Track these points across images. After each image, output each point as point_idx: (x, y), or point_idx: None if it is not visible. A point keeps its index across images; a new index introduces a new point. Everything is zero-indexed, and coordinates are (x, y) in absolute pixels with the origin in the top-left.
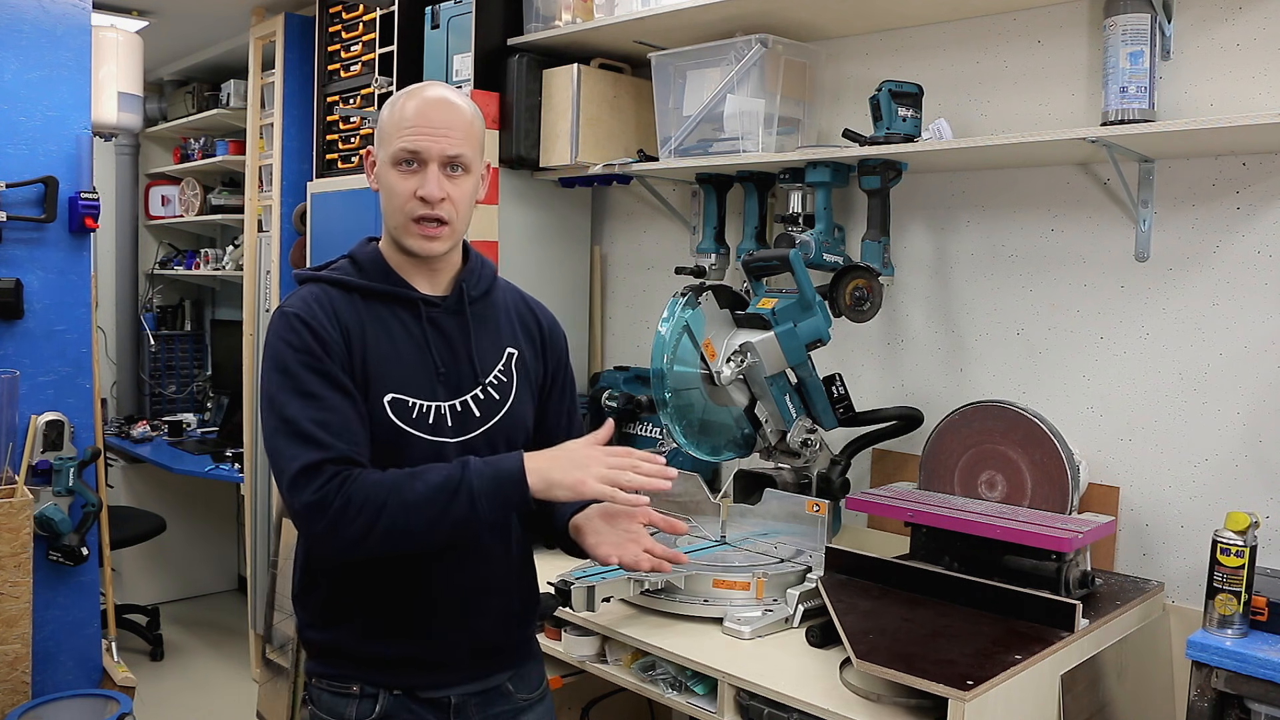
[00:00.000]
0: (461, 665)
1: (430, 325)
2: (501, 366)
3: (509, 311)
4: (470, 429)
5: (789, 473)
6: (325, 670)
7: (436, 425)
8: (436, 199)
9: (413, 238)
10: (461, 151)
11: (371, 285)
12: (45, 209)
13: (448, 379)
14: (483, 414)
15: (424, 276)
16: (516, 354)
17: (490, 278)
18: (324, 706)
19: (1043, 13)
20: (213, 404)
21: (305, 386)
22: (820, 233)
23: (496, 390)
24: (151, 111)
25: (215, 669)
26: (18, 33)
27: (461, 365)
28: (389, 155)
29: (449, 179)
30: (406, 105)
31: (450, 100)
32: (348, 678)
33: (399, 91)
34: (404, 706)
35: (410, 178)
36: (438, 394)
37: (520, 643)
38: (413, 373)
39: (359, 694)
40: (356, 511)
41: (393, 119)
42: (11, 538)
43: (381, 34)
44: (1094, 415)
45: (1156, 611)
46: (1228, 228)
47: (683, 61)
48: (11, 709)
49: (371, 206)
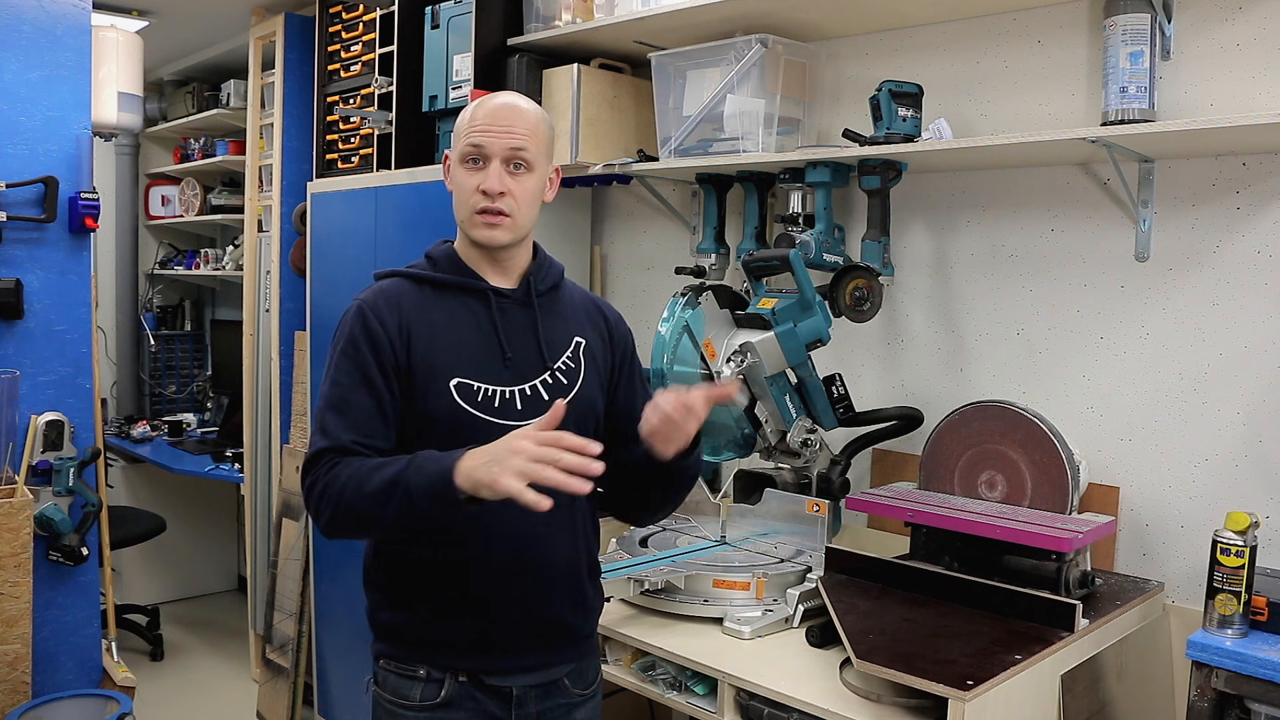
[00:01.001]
0: (524, 648)
1: (500, 314)
2: (570, 353)
3: (576, 306)
4: (540, 411)
5: (789, 473)
6: (393, 652)
7: (503, 409)
8: (495, 192)
9: (476, 228)
10: (524, 146)
11: (443, 278)
12: (45, 209)
13: (515, 364)
14: (551, 398)
15: (495, 270)
16: (585, 343)
17: (558, 276)
18: (389, 688)
19: (1043, 13)
20: (213, 404)
21: (338, 376)
22: (820, 233)
23: (565, 375)
24: (151, 111)
25: (215, 669)
26: (18, 33)
27: (530, 352)
28: (458, 154)
29: (511, 175)
30: (478, 109)
31: (516, 104)
32: (414, 660)
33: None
34: (468, 693)
35: (475, 174)
36: (505, 379)
37: (585, 635)
38: (480, 359)
39: (425, 677)
40: (327, 499)
41: (464, 121)
42: (11, 538)
43: (381, 34)
44: (1094, 415)
45: (1156, 611)
46: (1228, 228)
47: (683, 61)
48: (11, 709)
49: (371, 207)
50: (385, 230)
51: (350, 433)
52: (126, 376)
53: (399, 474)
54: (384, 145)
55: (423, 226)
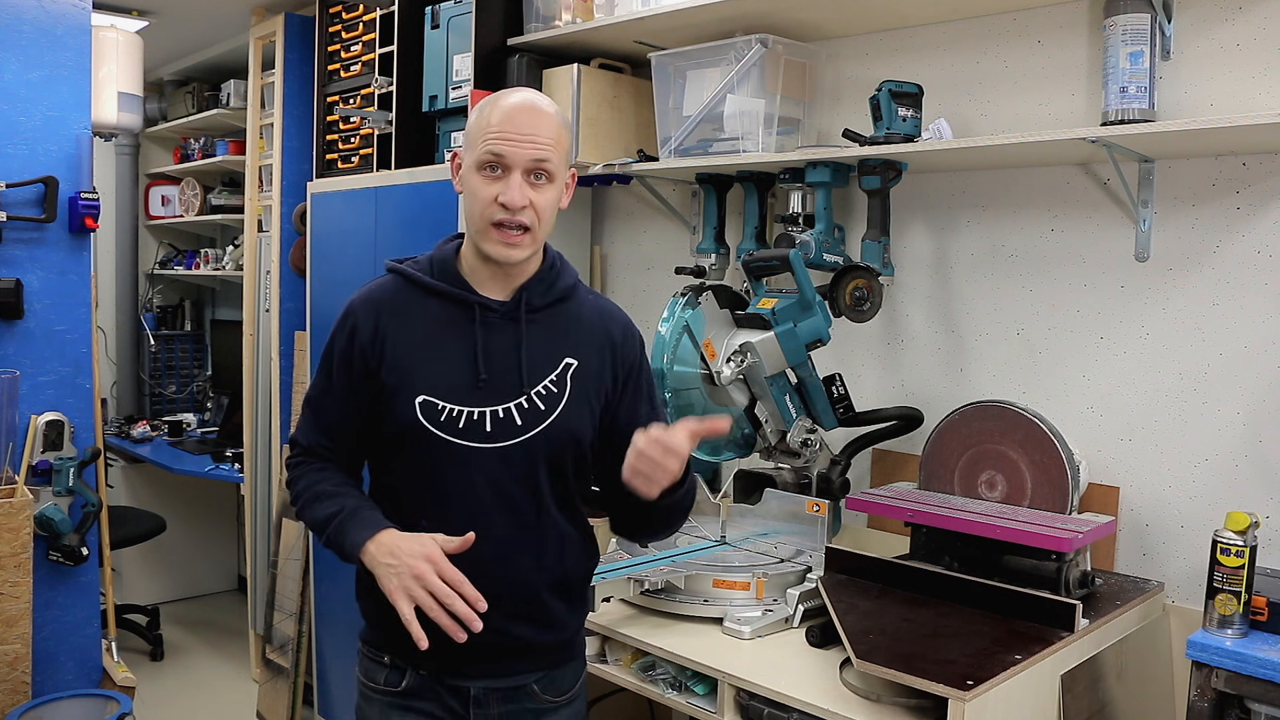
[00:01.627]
0: (480, 659)
1: (482, 330)
2: (554, 377)
3: (580, 321)
4: (511, 436)
5: (789, 473)
6: (367, 636)
7: (469, 430)
8: (518, 206)
9: (491, 243)
10: (547, 157)
11: (432, 284)
12: (45, 209)
13: (490, 385)
14: (525, 422)
15: (497, 281)
16: (576, 364)
17: (564, 289)
18: (362, 668)
19: (1043, 13)
20: (213, 404)
21: (317, 376)
22: (820, 233)
23: (543, 400)
24: (151, 111)
25: (215, 669)
26: (18, 33)
27: (509, 372)
28: (474, 159)
29: (533, 186)
30: (494, 110)
31: (538, 106)
32: (381, 646)
33: (489, 95)
34: (428, 686)
35: (494, 183)
36: (476, 399)
37: (554, 647)
38: (452, 376)
39: (389, 664)
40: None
41: (480, 123)
42: (11, 538)
43: (381, 34)
44: (1094, 415)
45: (1156, 611)
46: (1228, 228)
47: (683, 61)
48: (11, 709)
49: (371, 207)
50: (385, 230)
51: (317, 434)
52: (126, 376)
53: (332, 518)
54: (384, 145)
55: (423, 226)
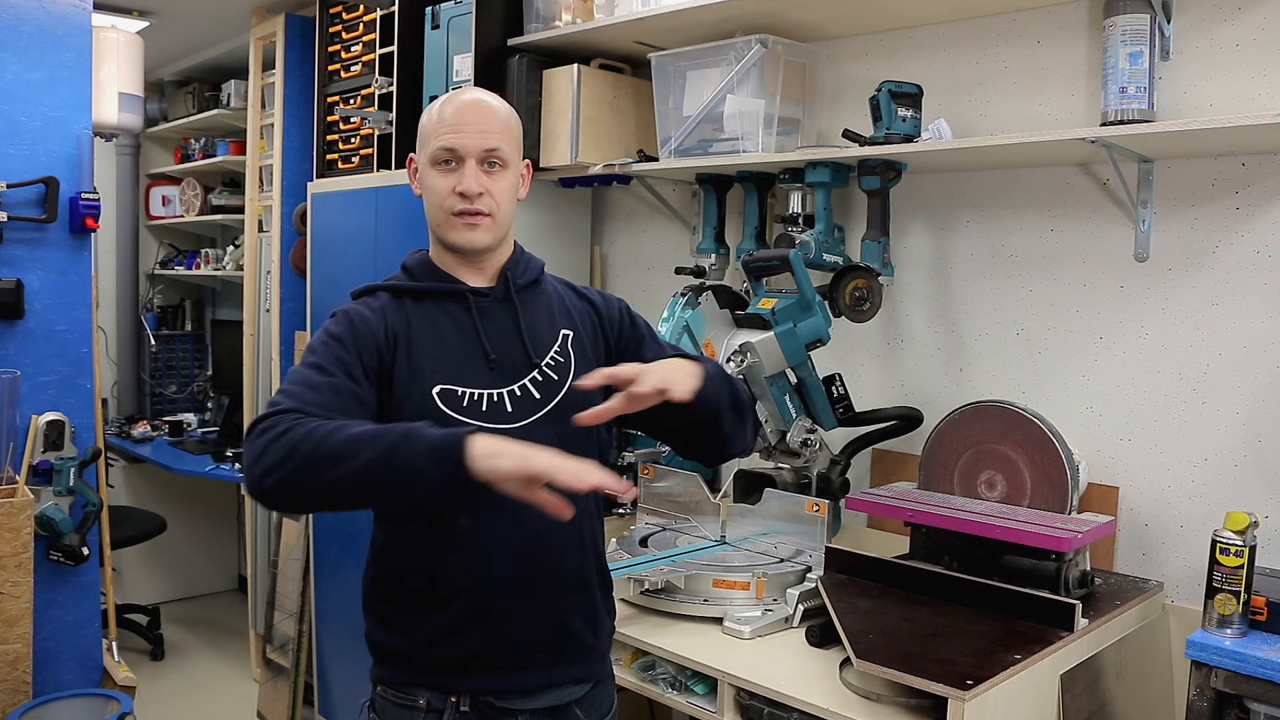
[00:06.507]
0: (535, 663)
1: (480, 315)
2: (558, 347)
3: (560, 297)
4: (532, 412)
5: (789, 473)
6: (392, 678)
7: (491, 412)
8: (474, 193)
9: (454, 231)
10: (498, 145)
11: (420, 286)
12: (46, 209)
13: (501, 365)
14: (543, 395)
15: (472, 272)
16: (572, 334)
17: (537, 271)
18: (387, 716)
19: (1042, 13)
20: (213, 404)
21: (317, 360)
22: (820, 233)
23: (555, 370)
24: (152, 112)
25: (215, 669)
26: (18, 33)
27: (515, 351)
28: (428, 156)
29: (487, 174)
30: (444, 108)
31: (485, 101)
32: (415, 686)
33: (437, 99)
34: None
35: (449, 175)
36: (491, 381)
37: (597, 651)
38: (464, 363)
39: (425, 706)
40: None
41: (430, 122)
42: (12, 538)
43: (382, 34)
44: (1093, 415)
45: (1156, 611)
46: (1227, 228)
47: (683, 62)
48: (12, 709)
49: (371, 207)
50: (385, 230)
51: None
52: (127, 376)
53: (385, 431)
54: (384, 145)
55: (422, 226)
